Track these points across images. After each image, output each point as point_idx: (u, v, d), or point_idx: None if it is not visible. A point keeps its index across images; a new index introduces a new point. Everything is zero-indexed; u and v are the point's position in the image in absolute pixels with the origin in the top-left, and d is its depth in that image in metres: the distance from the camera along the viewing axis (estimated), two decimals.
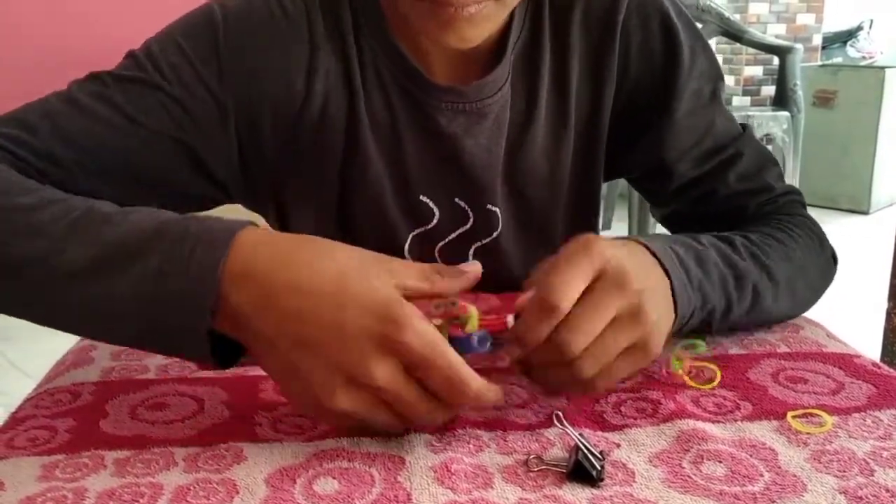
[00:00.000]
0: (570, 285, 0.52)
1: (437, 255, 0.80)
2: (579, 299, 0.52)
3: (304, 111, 0.72)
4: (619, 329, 0.53)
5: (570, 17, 0.76)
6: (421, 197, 0.77)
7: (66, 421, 0.55)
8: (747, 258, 0.67)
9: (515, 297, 0.78)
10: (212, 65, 0.69)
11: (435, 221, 0.78)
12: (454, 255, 0.80)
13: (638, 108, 0.79)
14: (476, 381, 0.49)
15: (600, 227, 0.92)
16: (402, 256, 0.79)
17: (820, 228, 0.78)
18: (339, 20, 0.72)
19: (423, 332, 0.48)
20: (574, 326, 0.52)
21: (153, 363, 0.64)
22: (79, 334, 0.55)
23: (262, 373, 0.61)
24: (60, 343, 0.69)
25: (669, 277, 0.58)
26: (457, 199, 0.78)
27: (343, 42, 0.72)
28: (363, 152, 0.74)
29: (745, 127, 0.83)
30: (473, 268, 0.55)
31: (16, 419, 0.56)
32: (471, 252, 0.81)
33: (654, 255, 0.59)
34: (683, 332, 0.62)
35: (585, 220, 0.85)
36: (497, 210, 0.79)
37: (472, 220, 0.79)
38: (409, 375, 0.49)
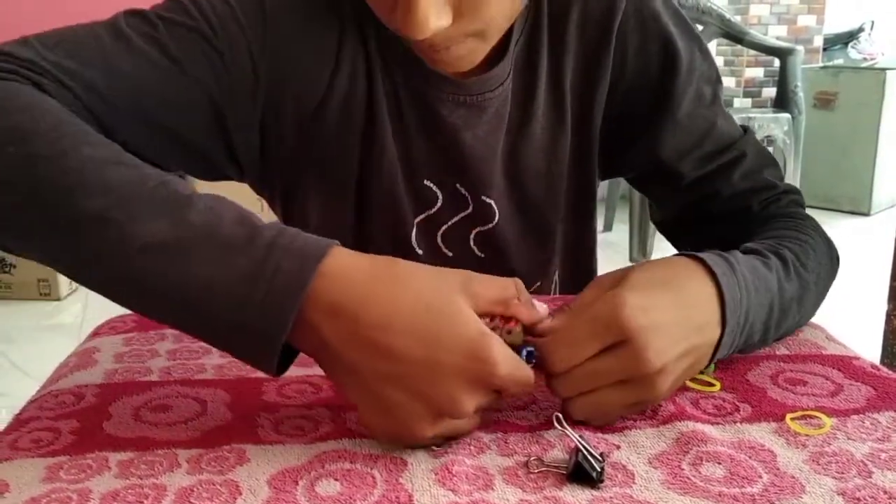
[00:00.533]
0: (579, 341, 0.53)
1: (439, 239, 0.81)
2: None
3: (329, 97, 0.73)
4: (625, 394, 0.53)
5: (568, 17, 0.77)
6: (425, 181, 0.78)
7: (70, 423, 0.55)
8: (794, 278, 0.66)
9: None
10: (257, 29, 0.68)
11: (438, 206, 0.79)
12: (456, 241, 0.82)
13: (634, 110, 0.80)
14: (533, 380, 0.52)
15: (600, 225, 0.92)
16: (410, 242, 0.80)
17: (818, 226, 0.78)
18: (359, 7, 0.71)
19: (512, 365, 0.50)
20: (571, 379, 0.53)
21: (156, 365, 0.65)
22: (129, 307, 0.52)
23: (264, 375, 0.62)
24: (62, 344, 0.69)
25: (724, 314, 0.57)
26: (458, 186, 0.79)
27: (362, 29, 0.73)
28: (380, 139, 0.75)
29: (745, 129, 0.84)
30: (543, 308, 0.55)
31: (20, 421, 0.56)
32: (471, 237, 0.82)
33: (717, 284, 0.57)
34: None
35: (582, 215, 0.86)
36: (492, 202, 0.80)
37: (471, 206, 0.80)
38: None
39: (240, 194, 0.80)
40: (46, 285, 2.79)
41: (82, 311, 2.71)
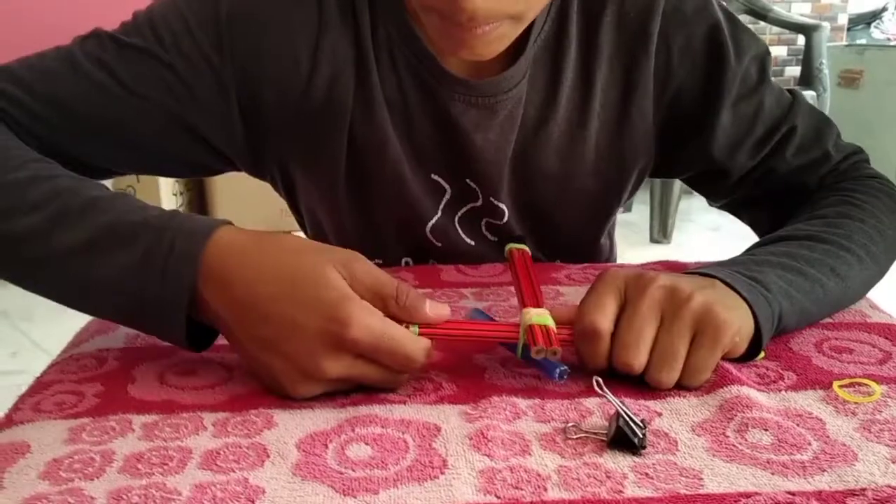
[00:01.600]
0: (599, 305, 0.54)
1: (456, 223, 0.80)
2: (619, 321, 0.54)
3: (309, 90, 0.71)
4: (669, 323, 0.53)
5: (601, 18, 0.74)
6: (432, 175, 0.77)
7: (94, 386, 0.54)
8: (830, 278, 0.63)
9: (545, 268, 0.78)
10: (211, 36, 0.68)
11: (447, 198, 0.78)
12: (466, 230, 0.80)
13: (685, 111, 0.77)
14: (421, 350, 0.51)
15: (614, 222, 0.90)
16: (426, 233, 0.79)
17: (888, 183, 0.75)
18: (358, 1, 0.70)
19: (368, 325, 0.49)
20: (624, 345, 0.53)
21: None
22: (70, 307, 0.57)
23: None
24: (81, 323, 0.68)
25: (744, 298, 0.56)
26: (468, 180, 0.77)
27: (356, 21, 0.71)
28: (380, 132, 0.73)
29: (793, 93, 0.80)
30: (441, 311, 0.54)
31: (41, 383, 0.55)
32: (483, 224, 0.80)
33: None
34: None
35: (600, 220, 0.84)
36: (501, 205, 0.78)
37: (480, 200, 0.78)
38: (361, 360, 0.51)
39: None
40: None
41: None
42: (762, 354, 0.57)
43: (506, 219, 0.79)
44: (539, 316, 0.54)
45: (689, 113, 0.77)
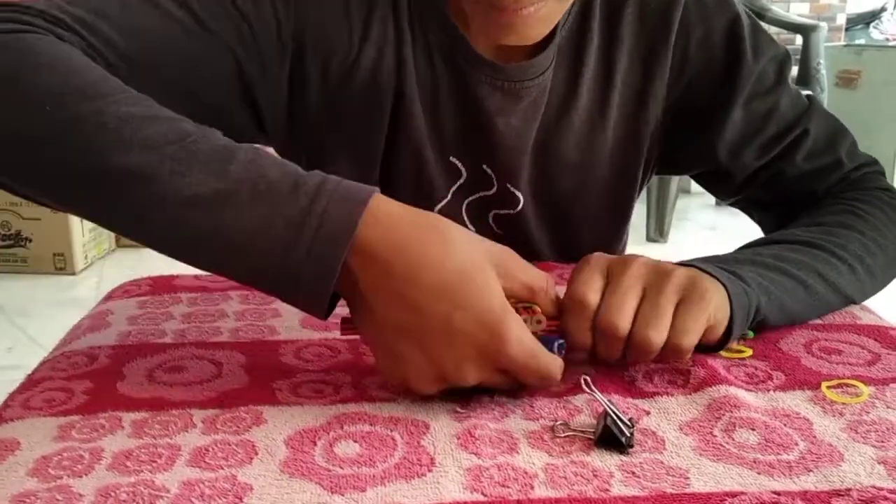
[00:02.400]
0: (586, 280, 0.54)
1: (463, 210, 0.80)
2: (603, 293, 0.54)
3: (357, 63, 0.71)
4: (654, 290, 0.53)
5: (623, 10, 0.75)
6: (451, 158, 0.77)
7: (83, 383, 0.54)
8: (817, 281, 0.63)
9: (543, 266, 0.78)
10: None
11: (461, 181, 0.78)
12: (473, 219, 0.80)
13: (697, 104, 0.77)
14: (559, 370, 0.51)
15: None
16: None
17: None
18: None
19: (525, 345, 0.49)
20: (608, 307, 0.53)
21: (170, 328, 0.63)
22: (179, 259, 0.52)
23: (282, 337, 0.61)
24: (77, 318, 0.69)
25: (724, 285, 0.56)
26: (484, 167, 0.77)
27: (397, 2, 0.72)
28: (408, 108, 0.74)
29: (810, 99, 0.80)
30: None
31: (32, 381, 0.55)
32: (490, 217, 0.80)
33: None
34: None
35: (617, 211, 0.83)
36: (517, 193, 0.78)
37: (495, 188, 0.78)
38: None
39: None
40: (62, 259, 2.79)
41: (97, 285, 2.72)
42: (747, 353, 0.58)
43: (520, 207, 0.79)
44: (522, 302, 0.53)
45: (700, 106, 0.77)
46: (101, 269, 2.88)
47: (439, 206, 0.79)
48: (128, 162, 0.50)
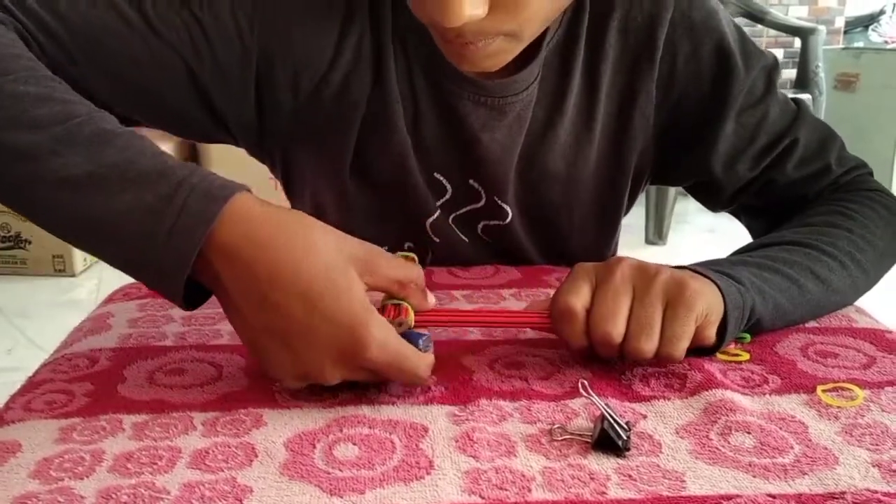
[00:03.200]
0: (573, 289, 0.55)
1: (451, 222, 0.80)
2: (594, 300, 0.55)
3: (328, 78, 0.71)
4: (641, 294, 0.54)
5: (608, 22, 0.74)
6: (435, 174, 0.77)
7: (84, 385, 0.54)
8: (809, 279, 0.64)
9: (535, 271, 0.78)
10: (247, 6, 0.68)
11: (447, 197, 0.78)
12: (462, 229, 0.80)
13: (688, 119, 0.77)
14: (427, 368, 0.52)
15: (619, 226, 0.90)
16: (425, 227, 0.79)
17: (888, 196, 0.76)
18: None
19: (389, 348, 0.50)
20: (601, 317, 0.54)
21: (171, 330, 0.64)
22: (58, 236, 0.53)
23: None
24: (77, 320, 0.69)
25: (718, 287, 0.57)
26: (471, 181, 0.77)
27: (379, 13, 0.71)
28: (390, 123, 0.73)
29: (798, 104, 0.80)
30: (433, 299, 0.58)
31: (33, 383, 0.56)
32: (479, 227, 0.80)
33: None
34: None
35: (606, 223, 0.83)
36: (505, 206, 0.79)
37: (483, 201, 0.78)
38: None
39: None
40: (61, 261, 2.80)
41: (97, 287, 2.72)
42: (744, 357, 0.58)
43: (509, 219, 0.79)
44: (392, 299, 0.55)
45: (691, 121, 0.77)
46: (101, 271, 2.88)
47: (431, 219, 0.79)
48: (14, 139, 0.51)
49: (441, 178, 0.77)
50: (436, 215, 0.79)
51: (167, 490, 0.42)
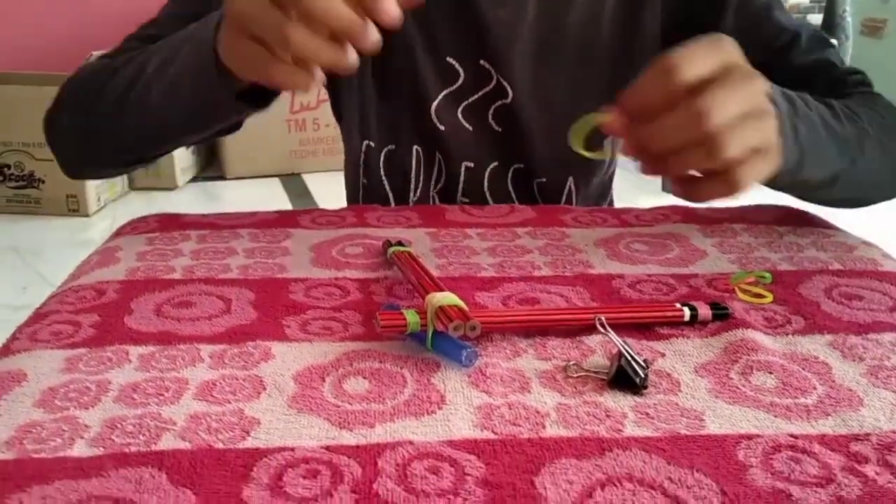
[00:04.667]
0: (693, 57, 0.50)
1: (459, 115, 0.82)
2: (715, 82, 0.50)
3: None
4: (750, 123, 0.51)
5: None
6: (447, 59, 0.80)
7: (91, 317, 0.54)
8: (844, 120, 0.66)
9: (551, 210, 0.76)
10: None
11: (460, 82, 0.81)
12: (475, 115, 0.83)
13: (689, 13, 0.78)
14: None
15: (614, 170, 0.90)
16: (430, 115, 0.82)
17: (888, 103, 0.76)
18: None
19: None
20: (712, 98, 0.49)
21: (179, 264, 0.62)
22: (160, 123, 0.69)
23: (292, 276, 0.60)
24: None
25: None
26: (482, 62, 0.80)
27: None
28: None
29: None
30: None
31: (39, 314, 0.55)
32: (490, 112, 0.82)
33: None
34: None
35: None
36: (506, 85, 0.80)
37: (494, 81, 0.80)
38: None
39: None
40: (75, 201, 2.79)
41: (110, 227, 2.70)
42: (767, 298, 0.56)
43: (511, 98, 0.81)
44: (446, 298, 0.49)
45: (694, 17, 0.78)
46: (114, 211, 2.88)
47: (436, 102, 0.81)
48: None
49: (453, 62, 0.80)
50: (442, 100, 0.81)
51: (173, 421, 0.42)
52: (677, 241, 0.68)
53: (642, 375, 0.45)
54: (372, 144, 0.84)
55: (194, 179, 3.21)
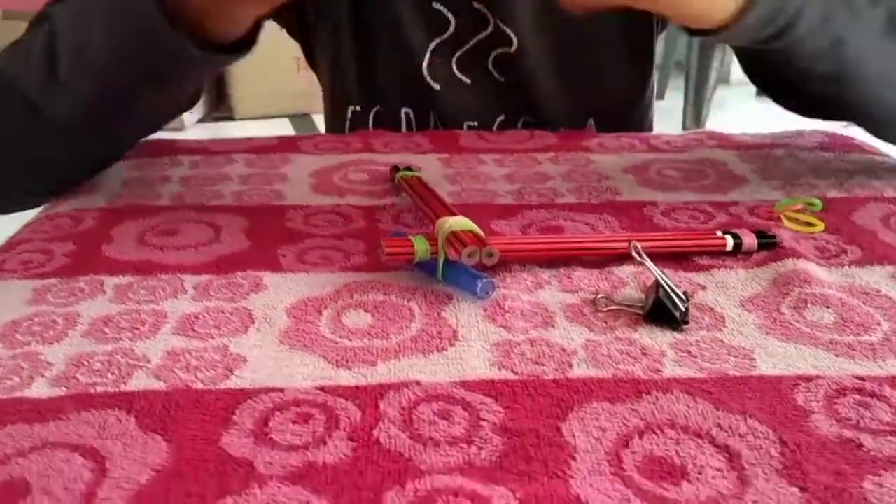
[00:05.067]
0: None
1: (455, 67, 0.74)
2: None
3: None
4: None
5: None
6: (434, 5, 0.71)
7: (66, 245, 0.48)
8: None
9: (575, 135, 0.70)
10: None
11: (452, 29, 0.72)
12: (474, 64, 0.74)
13: None
14: None
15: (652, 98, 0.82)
16: (421, 72, 0.74)
17: None
18: None
19: None
20: None
21: (167, 191, 0.57)
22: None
23: (290, 202, 0.55)
24: None
25: None
26: (475, 4, 0.71)
27: None
28: None
29: None
30: None
31: (10, 244, 0.49)
32: (490, 60, 0.74)
33: None
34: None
35: (635, 59, 0.76)
36: (506, 30, 0.72)
37: (491, 25, 0.72)
38: None
39: None
40: None
41: None
42: (818, 226, 0.50)
43: (516, 45, 0.73)
44: (459, 222, 0.44)
45: None
46: None
47: (427, 57, 0.73)
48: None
49: (441, 8, 0.71)
50: (434, 54, 0.73)
51: (147, 358, 0.36)
52: (714, 168, 0.62)
53: (682, 309, 0.40)
54: (358, 109, 0.77)
55: (202, 120, 3.15)
